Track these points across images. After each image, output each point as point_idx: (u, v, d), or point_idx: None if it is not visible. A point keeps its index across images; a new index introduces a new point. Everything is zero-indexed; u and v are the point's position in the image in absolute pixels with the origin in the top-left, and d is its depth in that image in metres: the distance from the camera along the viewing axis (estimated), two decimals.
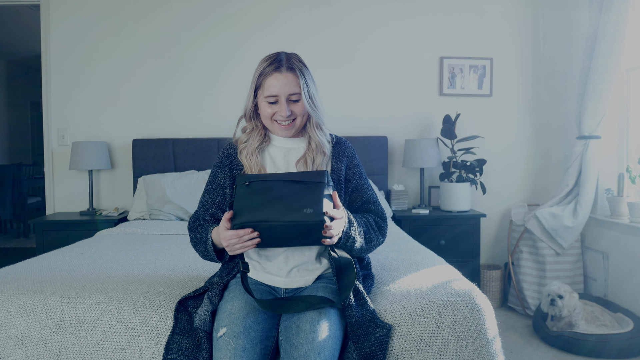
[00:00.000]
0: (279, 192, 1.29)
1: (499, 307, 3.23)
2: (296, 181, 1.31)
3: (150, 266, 1.83)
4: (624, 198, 2.80)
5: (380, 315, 1.40)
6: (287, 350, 1.25)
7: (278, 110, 1.41)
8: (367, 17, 3.47)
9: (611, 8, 2.71)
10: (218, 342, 1.25)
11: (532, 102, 3.54)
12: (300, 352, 1.21)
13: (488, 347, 1.41)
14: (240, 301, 1.33)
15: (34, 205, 6.18)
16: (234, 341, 1.23)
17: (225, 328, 1.26)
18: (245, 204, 1.29)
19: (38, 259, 1.95)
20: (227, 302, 1.35)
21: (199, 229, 1.44)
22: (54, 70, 3.42)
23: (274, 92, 1.39)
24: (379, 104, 3.49)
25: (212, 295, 1.39)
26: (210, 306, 1.36)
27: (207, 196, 1.51)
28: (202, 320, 1.33)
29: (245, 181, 1.33)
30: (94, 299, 1.46)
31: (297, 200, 1.27)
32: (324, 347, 1.23)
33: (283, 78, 1.39)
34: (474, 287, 1.52)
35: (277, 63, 1.40)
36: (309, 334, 1.24)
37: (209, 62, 3.45)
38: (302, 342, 1.23)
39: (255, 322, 1.28)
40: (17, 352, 1.42)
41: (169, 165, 3.33)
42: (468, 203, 3.21)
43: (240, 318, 1.28)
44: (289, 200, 1.27)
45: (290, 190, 1.29)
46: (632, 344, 2.38)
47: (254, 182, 1.33)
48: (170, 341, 1.34)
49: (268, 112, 1.43)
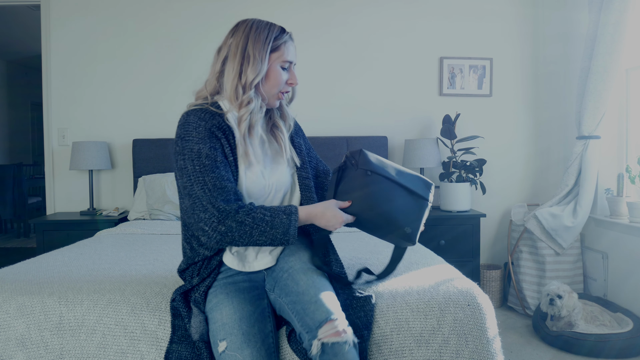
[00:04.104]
0: (392, 198, 1.37)
1: (499, 307, 3.24)
2: (410, 190, 1.38)
3: (149, 266, 1.83)
4: (623, 198, 2.80)
5: (380, 309, 1.43)
6: (293, 301, 1.28)
7: (290, 77, 1.39)
8: (367, 18, 3.47)
9: (611, 8, 2.71)
10: (222, 357, 1.22)
11: (531, 102, 3.54)
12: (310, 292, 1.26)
13: (488, 346, 1.41)
14: (228, 307, 1.27)
15: (35, 205, 6.18)
16: (239, 353, 1.20)
17: (224, 342, 1.22)
18: (361, 195, 1.36)
19: (37, 259, 1.95)
20: (215, 311, 1.29)
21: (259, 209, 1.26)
22: (54, 70, 3.42)
23: (292, 58, 1.38)
24: (379, 104, 3.50)
25: (197, 303, 1.33)
26: (202, 316, 1.31)
27: (217, 171, 1.26)
28: (200, 332, 1.28)
29: (368, 169, 1.37)
30: (92, 300, 1.46)
31: (403, 215, 1.37)
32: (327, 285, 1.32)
33: (294, 47, 1.40)
34: (475, 286, 1.53)
35: (287, 32, 1.39)
36: (308, 279, 1.30)
37: (209, 62, 3.43)
38: (307, 286, 1.28)
39: (250, 326, 1.25)
40: (18, 354, 1.41)
41: (169, 165, 3.33)
42: (468, 203, 3.21)
43: (235, 327, 1.23)
44: (397, 213, 1.37)
45: (402, 202, 1.37)
46: (632, 343, 2.38)
47: (375, 174, 1.36)
48: (170, 350, 1.32)
49: (282, 78, 1.36)
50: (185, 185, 1.28)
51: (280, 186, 1.42)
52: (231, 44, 1.36)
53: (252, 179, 1.35)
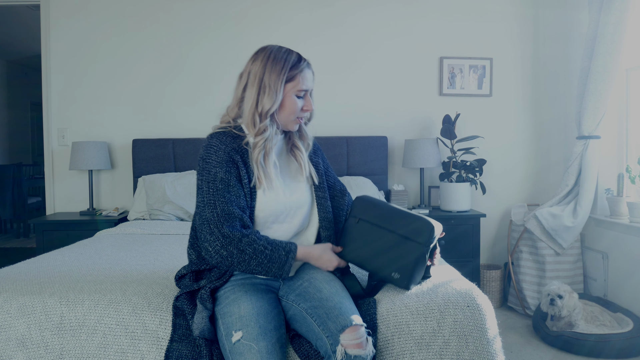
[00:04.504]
0: (377, 244, 1.45)
1: (499, 307, 3.24)
2: (401, 235, 1.43)
3: (150, 267, 1.83)
4: (623, 198, 2.80)
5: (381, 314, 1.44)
6: (315, 306, 1.32)
7: (305, 104, 1.43)
8: (368, 18, 3.47)
9: (611, 8, 2.71)
10: (236, 346, 1.24)
11: (531, 102, 3.54)
12: (335, 299, 1.32)
13: (488, 346, 1.41)
14: (246, 303, 1.32)
15: (34, 205, 6.18)
16: (255, 344, 1.23)
17: (240, 332, 1.26)
18: (354, 241, 1.48)
19: (37, 259, 1.95)
20: (232, 305, 1.33)
21: (261, 242, 1.33)
22: (54, 70, 3.42)
23: (309, 86, 1.43)
24: (379, 104, 3.49)
25: (203, 300, 1.35)
26: (206, 312, 1.33)
27: (228, 197, 1.34)
28: (201, 328, 1.30)
29: (357, 217, 1.48)
30: (93, 300, 1.46)
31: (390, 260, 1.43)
32: (349, 295, 1.39)
33: (312, 74, 1.45)
34: (474, 287, 1.53)
35: (305, 59, 1.44)
36: (332, 288, 1.37)
37: (209, 63, 3.45)
38: (330, 294, 1.34)
39: (267, 322, 1.30)
40: (19, 354, 1.41)
41: (169, 165, 3.34)
42: (468, 203, 3.21)
43: (252, 320, 1.28)
44: (381, 258, 1.44)
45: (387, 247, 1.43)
46: (632, 343, 2.38)
47: (363, 221, 1.47)
48: (170, 349, 1.34)
49: (297, 106, 1.42)
50: (198, 204, 1.38)
51: (301, 204, 1.48)
52: (250, 71, 1.43)
53: (272, 198, 1.41)
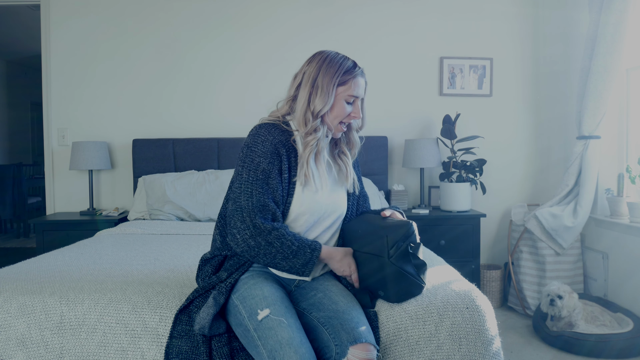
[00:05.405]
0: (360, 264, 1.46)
1: (499, 307, 3.23)
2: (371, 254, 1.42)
3: (150, 266, 1.83)
4: (623, 198, 2.80)
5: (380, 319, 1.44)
6: (329, 316, 1.32)
7: (354, 110, 1.45)
8: (367, 18, 3.47)
9: (611, 8, 2.71)
10: (264, 322, 1.25)
11: (532, 102, 3.54)
12: (352, 313, 1.32)
13: (488, 347, 1.40)
14: (268, 287, 1.35)
15: (34, 205, 6.18)
16: (285, 319, 1.25)
17: (267, 309, 1.27)
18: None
19: (37, 259, 1.95)
20: (254, 289, 1.34)
21: (289, 237, 1.35)
22: (54, 70, 3.42)
23: (359, 93, 1.45)
24: (379, 104, 3.49)
25: (218, 295, 1.35)
26: (214, 309, 1.31)
27: (266, 188, 1.36)
28: (202, 324, 1.30)
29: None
30: (93, 299, 1.46)
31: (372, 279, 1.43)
32: (363, 312, 1.38)
33: (364, 82, 1.47)
34: (473, 288, 1.52)
35: (359, 67, 1.46)
36: (348, 302, 1.36)
37: (209, 63, 3.45)
38: (347, 307, 1.34)
39: (291, 306, 1.33)
40: (19, 353, 1.41)
41: (169, 165, 3.33)
42: (468, 203, 3.21)
43: (278, 300, 1.30)
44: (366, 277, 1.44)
45: (366, 265, 1.44)
46: (632, 344, 2.38)
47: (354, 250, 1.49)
48: (169, 345, 1.34)
49: (345, 111, 1.44)
50: (234, 190, 1.39)
51: (335, 208, 1.50)
52: (305, 72, 1.46)
53: (309, 196, 1.43)
